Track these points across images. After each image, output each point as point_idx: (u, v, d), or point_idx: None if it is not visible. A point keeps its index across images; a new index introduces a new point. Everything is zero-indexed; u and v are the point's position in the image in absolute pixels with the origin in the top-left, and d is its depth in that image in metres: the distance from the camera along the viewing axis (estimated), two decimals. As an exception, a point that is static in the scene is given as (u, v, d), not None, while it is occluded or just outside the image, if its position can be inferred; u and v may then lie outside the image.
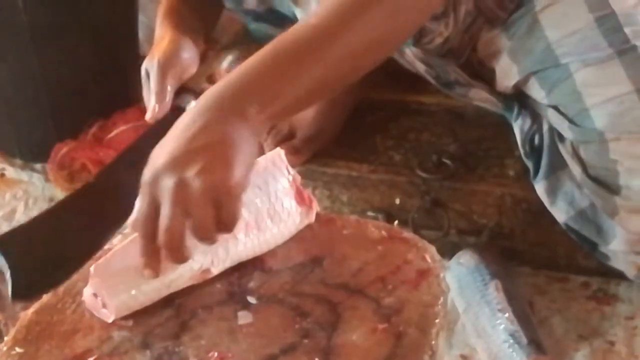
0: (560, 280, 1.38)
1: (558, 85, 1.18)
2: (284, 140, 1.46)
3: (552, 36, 1.17)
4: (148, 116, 1.11)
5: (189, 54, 1.17)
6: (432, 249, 0.99)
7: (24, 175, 1.71)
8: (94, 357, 0.88)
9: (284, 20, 1.27)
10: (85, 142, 1.65)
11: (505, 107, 1.30)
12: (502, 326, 1.22)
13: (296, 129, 1.48)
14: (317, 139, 1.47)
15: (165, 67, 1.14)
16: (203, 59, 1.21)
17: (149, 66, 1.16)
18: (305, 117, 1.48)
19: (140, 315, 0.92)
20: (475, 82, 1.29)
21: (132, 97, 1.78)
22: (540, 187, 1.26)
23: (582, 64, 1.15)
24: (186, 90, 1.14)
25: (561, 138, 1.22)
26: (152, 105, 1.11)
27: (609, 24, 1.15)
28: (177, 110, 1.08)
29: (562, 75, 1.17)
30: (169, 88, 1.13)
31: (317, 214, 1.04)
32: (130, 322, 0.91)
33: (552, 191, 1.24)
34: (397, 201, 1.43)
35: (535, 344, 1.20)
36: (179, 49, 1.17)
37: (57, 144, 1.64)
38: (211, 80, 1.16)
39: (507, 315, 1.24)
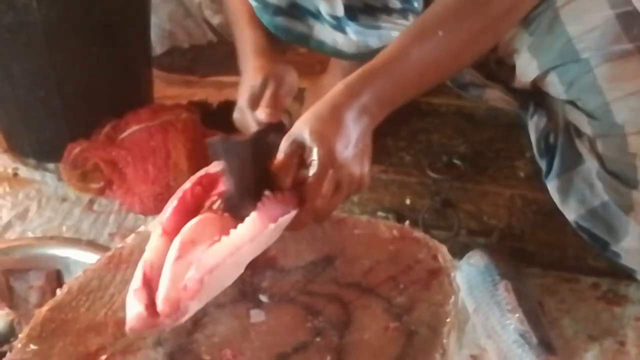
0: (570, 281, 1.38)
1: (578, 80, 1.19)
2: None
3: (573, 32, 1.18)
4: (261, 117, 1.16)
5: (295, 78, 1.24)
6: (444, 248, 1.00)
7: (36, 175, 1.72)
8: (107, 355, 0.89)
9: (305, 15, 1.28)
10: (97, 142, 1.66)
11: (520, 106, 1.30)
12: (512, 326, 1.23)
13: None
14: None
15: (280, 84, 1.20)
16: None
17: (270, 77, 1.19)
18: None
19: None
20: (491, 82, 1.30)
21: (144, 98, 1.80)
22: (552, 186, 1.26)
23: (602, 58, 1.16)
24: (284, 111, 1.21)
25: (578, 134, 1.23)
26: (269, 111, 1.17)
27: (630, 20, 1.16)
28: (280, 124, 1.16)
29: (583, 70, 1.18)
30: (283, 100, 1.19)
31: (329, 214, 1.05)
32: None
33: (564, 190, 1.25)
34: (408, 201, 1.43)
35: (545, 344, 1.20)
36: (289, 71, 1.23)
37: (69, 144, 1.65)
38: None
39: (517, 315, 1.24)
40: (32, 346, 0.90)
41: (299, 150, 0.98)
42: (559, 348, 1.23)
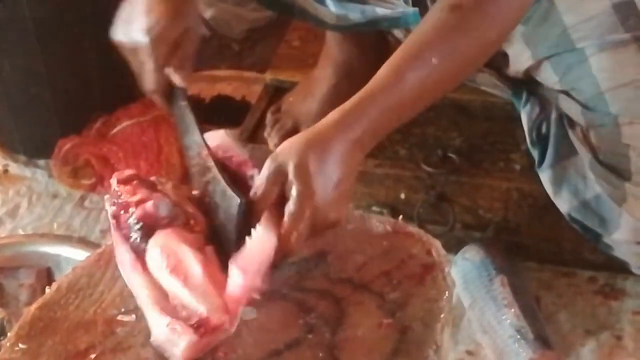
0: (566, 275, 1.37)
1: (572, 70, 1.18)
2: (288, 134, 1.45)
3: (569, 21, 1.17)
4: (176, 81, 1.10)
5: (199, 23, 1.15)
6: (437, 243, 0.98)
7: (27, 172, 1.70)
8: (96, 353, 0.87)
9: None
10: (88, 137, 1.64)
11: (513, 94, 1.29)
12: (508, 321, 1.22)
13: (301, 124, 1.48)
14: None
15: (189, 33, 1.10)
16: None
17: (176, 22, 1.09)
18: (309, 111, 1.48)
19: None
20: (484, 67, 1.29)
21: (135, 93, 1.78)
22: (545, 176, 1.25)
23: (598, 48, 1.16)
24: None
25: (571, 124, 1.22)
26: (183, 74, 1.10)
27: (626, 10, 1.15)
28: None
29: (577, 59, 1.17)
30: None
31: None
32: (133, 318, 0.91)
33: (557, 181, 1.24)
34: (403, 196, 1.42)
35: (541, 339, 1.20)
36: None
37: (60, 140, 1.64)
38: None
39: (513, 310, 1.23)
40: (21, 345, 0.89)
41: (281, 178, 0.94)
42: (556, 343, 1.22)
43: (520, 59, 1.23)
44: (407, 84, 1.00)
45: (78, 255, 1.28)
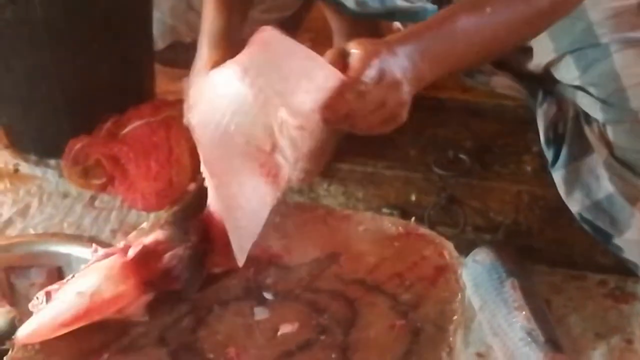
0: (577, 278, 1.37)
1: (594, 65, 1.19)
2: None
3: (594, 17, 1.18)
4: None
5: None
6: (450, 245, 0.98)
7: (38, 171, 1.70)
8: (110, 352, 0.87)
9: None
10: (99, 137, 1.64)
11: (529, 94, 1.30)
12: (519, 324, 1.22)
13: None
14: (322, 152, 1.45)
15: None
16: None
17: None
18: None
19: (156, 310, 0.91)
20: (498, 70, 1.29)
21: (146, 93, 1.78)
22: (557, 176, 1.25)
23: (622, 45, 1.16)
24: None
25: (588, 121, 1.22)
26: None
27: None
28: None
29: (601, 55, 1.18)
30: None
31: (333, 210, 1.04)
32: (146, 317, 0.91)
33: (570, 181, 1.24)
34: (413, 198, 1.42)
35: (552, 342, 1.19)
36: None
37: (71, 140, 1.64)
38: None
39: (523, 313, 1.23)
40: (35, 344, 0.89)
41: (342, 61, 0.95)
42: (566, 346, 1.22)
43: (543, 52, 1.23)
44: (460, 24, 1.02)
45: (89, 254, 1.28)
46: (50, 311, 0.89)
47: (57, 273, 1.34)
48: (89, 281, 0.90)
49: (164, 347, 0.88)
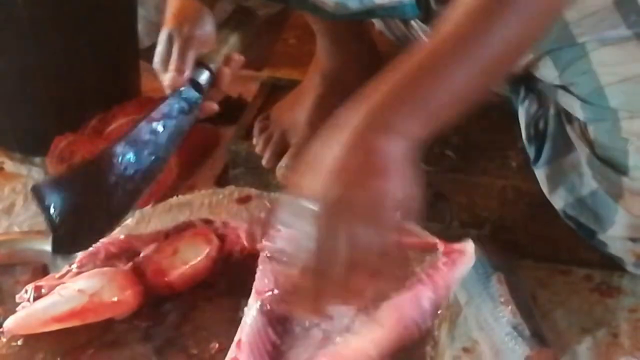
0: (563, 273, 1.37)
1: (572, 65, 1.18)
2: (275, 143, 1.45)
3: (570, 16, 1.17)
4: (166, 84, 1.11)
5: (210, 28, 1.16)
6: (435, 239, 0.98)
7: (23, 169, 1.70)
8: (94, 349, 0.88)
9: None
10: (84, 135, 1.63)
11: (511, 90, 1.30)
12: (505, 319, 1.22)
13: (288, 132, 1.46)
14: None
15: (189, 37, 1.13)
16: None
17: (174, 32, 1.13)
18: (296, 121, 1.46)
19: (141, 307, 0.91)
20: None
21: (131, 91, 1.78)
22: (540, 173, 1.26)
23: (599, 43, 1.16)
24: (200, 64, 1.14)
25: (569, 119, 1.22)
26: (171, 75, 1.11)
27: (628, 6, 1.15)
28: (191, 83, 1.11)
29: (578, 54, 1.17)
30: (190, 59, 1.12)
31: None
32: (130, 314, 0.91)
33: (553, 178, 1.24)
34: (399, 194, 1.41)
35: (537, 336, 1.20)
36: (201, 21, 1.15)
37: (56, 137, 1.63)
38: (228, 61, 1.16)
39: (509, 307, 1.23)
40: (18, 341, 0.89)
41: None
42: (552, 340, 1.22)
43: None
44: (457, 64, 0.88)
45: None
46: (46, 303, 0.89)
47: (43, 271, 1.34)
48: (92, 282, 0.90)
49: (149, 343, 0.88)
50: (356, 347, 0.79)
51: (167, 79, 1.12)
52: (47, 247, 1.34)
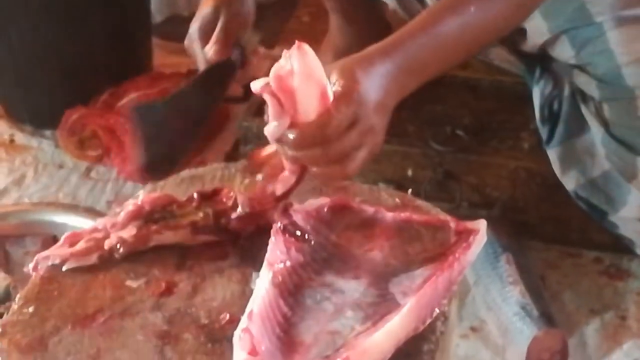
0: (572, 255, 1.37)
1: (589, 44, 1.18)
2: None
3: None
4: (203, 58, 1.15)
5: (252, 9, 1.20)
6: (446, 217, 0.98)
7: (33, 142, 1.70)
8: (105, 317, 0.87)
9: None
10: (95, 109, 1.64)
11: (527, 70, 1.29)
12: (513, 299, 1.22)
13: None
14: None
15: (236, 14, 1.17)
16: None
17: (223, 8, 1.17)
18: None
19: (153, 276, 0.91)
20: (497, 42, 1.29)
21: (143, 66, 1.78)
22: (553, 154, 1.26)
23: (616, 22, 1.16)
24: (235, 44, 1.18)
25: (584, 99, 1.22)
26: (216, 49, 1.15)
27: None
28: (229, 60, 1.15)
29: (595, 33, 1.17)
30: (232, 37, 1.17)
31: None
32: (142, 282, 0.91)
33: (565, 159, 1.24)
34: (410, 173, 1.42)
35: (546, 317, 1.20)
36: (246, 1, 1.20)
37: (67, 111, 1.63)
38: (255, 51, 1.22)
39: (518, 288, 1.23)
40: (30, 308, 0.89)
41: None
42: (560, 322, 1.22)
43: (537, 32, 1.22)
44: (445, 28, 0.99)
45: (84, 224, 1.28)
46: None
47: (52, 242, 1.34)
48: None
49: (160, 313, 0.87)
50: (377, 341, 0.79)
51: (208, 50, 1.14)
52: (57, 218, 1.36)
